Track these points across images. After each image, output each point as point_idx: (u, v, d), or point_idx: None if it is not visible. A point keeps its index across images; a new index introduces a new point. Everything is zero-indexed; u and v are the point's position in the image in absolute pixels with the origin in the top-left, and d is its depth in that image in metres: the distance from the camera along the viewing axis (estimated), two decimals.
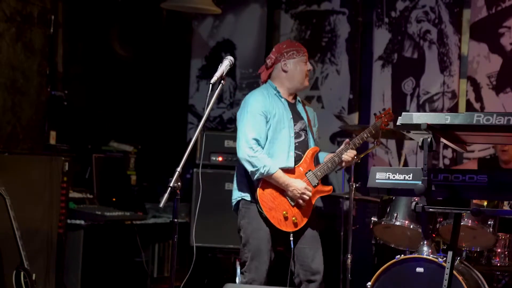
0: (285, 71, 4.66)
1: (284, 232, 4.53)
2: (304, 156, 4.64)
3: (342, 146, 4.70)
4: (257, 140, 4.49)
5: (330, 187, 4.74)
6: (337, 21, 7.23)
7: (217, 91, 3.83)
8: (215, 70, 3.89)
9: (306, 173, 4.61)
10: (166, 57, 7.65)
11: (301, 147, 4.65)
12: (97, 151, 6.77)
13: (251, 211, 4.56)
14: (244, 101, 4.65)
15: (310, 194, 4.53)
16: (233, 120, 7.42)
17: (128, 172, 6.98)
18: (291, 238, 4.54)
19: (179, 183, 3.57)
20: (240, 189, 4.62)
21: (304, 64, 4.68)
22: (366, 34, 7.11)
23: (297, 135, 4.65)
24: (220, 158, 6.58)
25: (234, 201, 4.66)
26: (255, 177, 4.47)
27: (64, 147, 6.23)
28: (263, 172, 4.43)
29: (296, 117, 4.68)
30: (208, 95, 3.79)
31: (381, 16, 7.04)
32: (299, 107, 4.75)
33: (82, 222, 5.92)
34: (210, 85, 3.84)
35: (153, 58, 7.54)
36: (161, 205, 3.54)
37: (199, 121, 3.77)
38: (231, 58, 3.97)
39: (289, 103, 4.69)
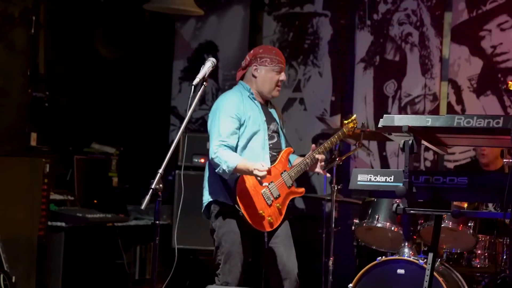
0: (254, 76, 4.64)
1: (258, 232, 4.53)
2: (279, 156, 4.64)
3: (312, 151, 4.69)
4: (222, 141, 4.47)
5: (302, 189, 4.74)
6: (320, 23, 7.25)
7: (199, 93, 3.84)
8: (198, 72, 3.90)
9: (282, 173, 4.61)
10: (148, 58, 7.64)
11: (274, 149, 4.65)
12: (79, 152, 6.74)
13: (222, 213, 4.55)
14: (217, 102, 4.61)
15: (260, 173, 4.36)
16: None
17: (110, 174, 6.95)
18: (266, 239, 4.54)
19: (161, 185, 3.57)
20: (212, 191, 4.59)
21: (276, 74, 4.61)
22: (348, 36, 7.13)
23: (270, 137, 4.65)
24: (202, 160, 6.58)
25: (204, 203, 4.63)
26: (224, 175, 4.43)
27: (45, 148, 6.20)
28: (224, 168, 4.39)
29: (269, 119, 4.68)
30: (191, 96, 3.79)
31: (364, 19, 7.06)
32: (271, 110, 4.75)
33: (63, 224, 5.89)
34: (192, 86, 3.84)
35: (135, 59, 7.52)
36: (143, 207, 3.54)
37: (181, 122, 3.77)
38: (214, 59, 3.97)
39: (262, 105, 4.68)
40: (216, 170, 4.44)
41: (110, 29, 7.32)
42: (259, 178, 4.40)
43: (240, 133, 4.53)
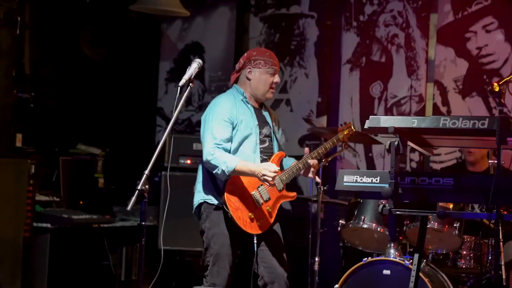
0: (248, 79, 4.64)
1: (247, 234, 4.53)
2: (270, 160, 4.64)
3: (305, 156, 4.69)
4: (217, 144, 4.47)
5: (294, 193, 4.73)
6: (306, 24, 7.26)
7: (185, 94, 3.83)
8: (184, 73, 3.89)
9: None
10: (134, 59, 7.62)
11: (266, 152, 4.65)
12: (65, 153, 6.72)
13: (212, 215, 4.55)
14: (211, 106, 4.62)
15: (270, 174, 4.42)
16: None
17: (96, 175, 6.93)
18: (255, 241, 4.54)
19: (147, 186, 3.56)
20: (203, 192, 4.59)
21: (270, 76, 4.62)
22: (334, 37, 7.14)
23: (262, 141, 4.65)
24: (188, 161, 6.57)
25: (195, 204, 4.63)
26: (220, 176, 4.45)
27: (30, 149, 6.17)
28: (224, 168, 4.40)
29: (262, 123, 4.68)
30: (177, 98, 3.79)
31: (350, 20, 7.08)
32: (265, 113, 4.75)
33: (49, 225, 5.87)
34: (179, 87, 3.84)
35: (121, 60, 7.50)
36: (129, 208, 3.53)
37: (168, 124, 3.76)
38: (200, 60, 3.97)
39: (255, 109, 4.68)
40: (214, 171, 4.44)
41: (96, 29, 7.29)
42: (269, 179, 4.42)
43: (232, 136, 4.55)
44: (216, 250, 4.54)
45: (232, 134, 4.53)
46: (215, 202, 4.55)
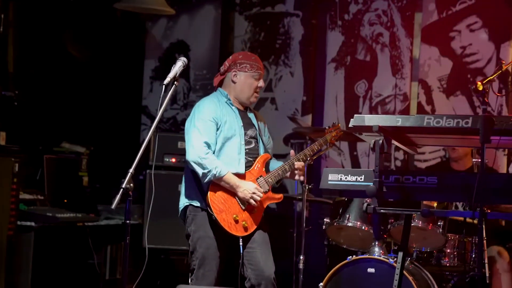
0: (233, 82, 4.66)
1: (233, 236, 4.53)
2: (255, 162, 4.64)
3: (291, 158, 4.71)
4: (207, 143, 4.48)
5: (280, 195, 4.74)
6: (291, 23, 7.27)
7: (170, 92, 3.83)
8: (169, 71, 3.89)
9: (257, 178, 4.62)
10: (119, 57, 7.60)
11: (251, 154, 4.65)
12: (49, 152, 6.69)
13: (198, 218, 4.55)
14: (195, 108, 4.63)
15: (261, 195, 4.52)
16: None
17: (80, 173, 6.91)
18: (241, 243, 4.54)
19: (131, 185, 3.56)
20: (188, 195, 4.59)
21: (255, 80, 4.65)
22: (319, 36, 7.15)
23: (248, 142, 4.65)
24: (173, 160, 6.56)
25: (181, 207, 4.63)
26: (207, 179, 4.44)
27: (14, 148, 6.13)
28: (215, 173, 4.42)
29: (247, 125, 4.68)
30: (162, 96, 3.78)
31: (335, 19, 7.09)
32: (250, 115, 4.76)
33: (33, 223, 5.85)
34: (164, 86, 3.83)
35: (106, 58, 7.48)
36: (113, 206, 3.53)
37: (153, 122, 3.76)
38: (185, 59, 3.97)
39: (240, 110, 4.69)
40: (201, 172, 4.44)
41: (80, 28, 7.27)
42: (258, 198, 4.49)
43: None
44: (202, 253, 4.53)
45: (216, 135, 4.54)
46: (199, 204, 4.55)
